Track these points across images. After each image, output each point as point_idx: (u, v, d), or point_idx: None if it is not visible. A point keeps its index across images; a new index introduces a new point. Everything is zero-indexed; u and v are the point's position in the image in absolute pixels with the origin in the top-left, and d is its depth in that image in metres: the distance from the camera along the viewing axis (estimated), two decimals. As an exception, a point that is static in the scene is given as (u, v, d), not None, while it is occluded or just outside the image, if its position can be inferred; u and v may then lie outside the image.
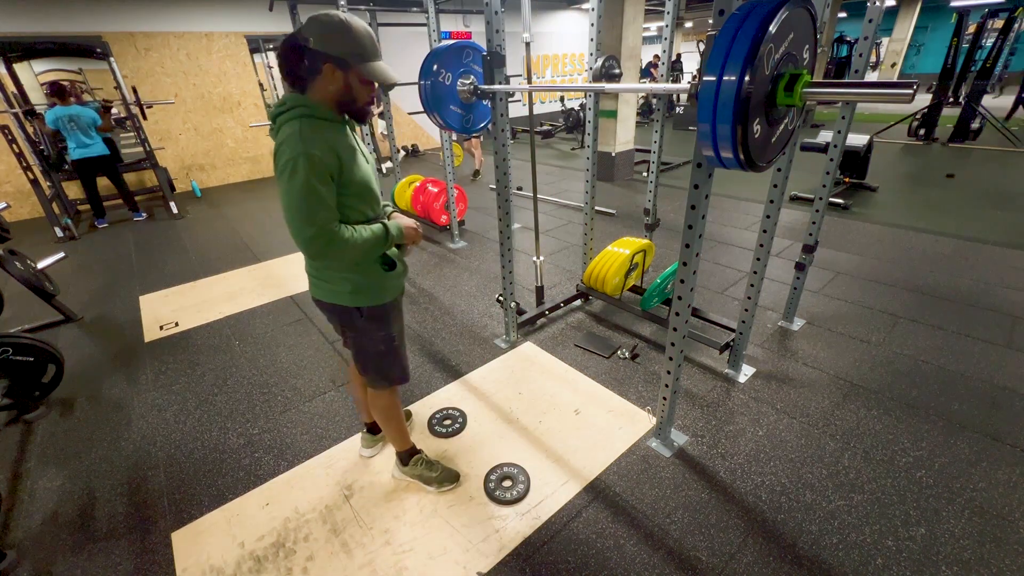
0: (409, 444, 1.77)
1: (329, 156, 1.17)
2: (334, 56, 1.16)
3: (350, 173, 1.23)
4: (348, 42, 1.17)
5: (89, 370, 2.64)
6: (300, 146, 1.13)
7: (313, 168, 1.13)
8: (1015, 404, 2.04)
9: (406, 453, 1.76)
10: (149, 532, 1.68)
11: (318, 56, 1.16)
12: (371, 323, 1.44)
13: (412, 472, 1.76)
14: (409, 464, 1.76)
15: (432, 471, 1.76)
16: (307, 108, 1.19)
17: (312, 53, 1.16)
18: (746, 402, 2.13)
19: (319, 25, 1.15)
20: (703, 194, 1.38)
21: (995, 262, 3.31)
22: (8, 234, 2.76)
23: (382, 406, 1.65)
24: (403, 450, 1.76)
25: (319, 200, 1.16)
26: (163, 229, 5.14)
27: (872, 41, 2.01)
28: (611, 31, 5.23)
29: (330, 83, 1.20)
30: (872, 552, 1.48)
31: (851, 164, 4.96)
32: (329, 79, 1.19)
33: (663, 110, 2.82)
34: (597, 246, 3.01)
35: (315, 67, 1.17)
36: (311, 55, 1.16)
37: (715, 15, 1.20)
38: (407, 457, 1.76)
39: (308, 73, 1.19)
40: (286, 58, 1.18)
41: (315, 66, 1.17)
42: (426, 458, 1.78)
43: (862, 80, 1.95)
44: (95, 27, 5.71)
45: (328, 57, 1.16)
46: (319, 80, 1.19)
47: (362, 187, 1.28)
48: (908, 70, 16.53)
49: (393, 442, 1.76)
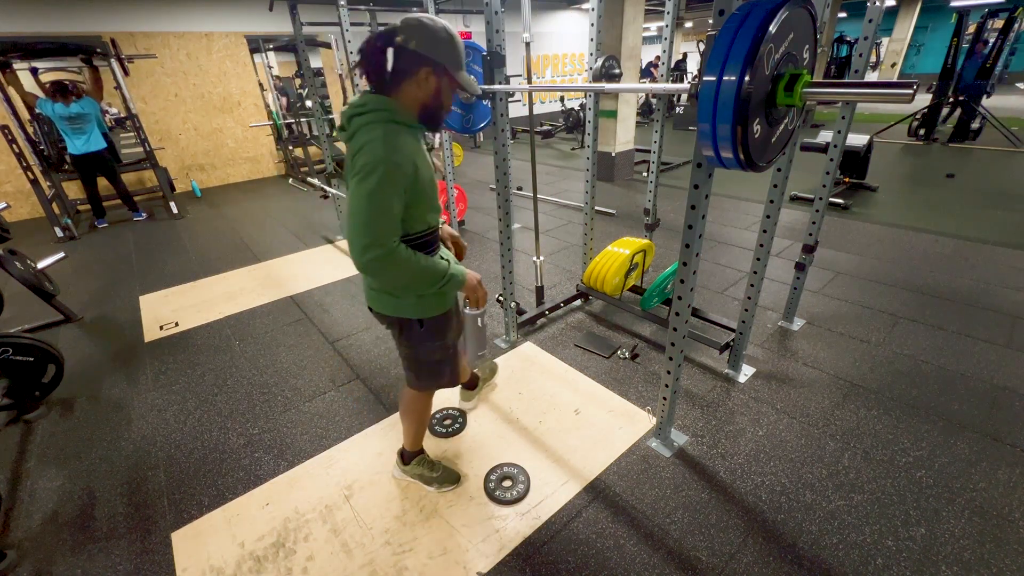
0: (420, 447, 1.77)
1: (407, 166, 1.14)
2: (434, 60, 1.14)
3: (421, 186, 1.20)
4: (450, 49, 1.16)
5: (89, 370, 2.65)
6: (383, 153, 1.09)
7: (390, 178, 1.10)
8: (1015, 404, 2.04)
9: (412, 452, 1.76)
10: (149, 532, 1.68)
11: (417, 58, 1.13)
12: (430, 334, 1.42)
13: (413, 471, 1.76)
14: (411, 463, 1.76)
15: (433, 471, 1.75)
16: (391, 113, 1.15)
17: (410, 55, 1.13)
18: (746, 402, 2.13)
19: (422, 28, 1.13)
20: (703, 194, 1.38)
21: (995, 262, 3.31)
22: (8, 234, 2.76)
23: (417, 409, 1.64)
24: (411, 449, 1.75)
25: (385, 211, 1.11)
26: (163, 229, 5.14)
27: (872, 41, 2.01)
28: (611, 31, 5.23)
29: (422, 87, 1.17)
30: (872, 552, 1.48)
31: (851, 164, 4.96)
32: (422, 83, 1.16)
33: (663, 110, 2.82)
34: (597, 246, 3.01)
35: (409, 69, 1.14)
36: (408, 56, 1.13)
37: (715, 15, 1.20)
38: (411, 456, 1.76)
39: (398, 74, 1.15)
40: (374, 56, 1.14)
41: (410, 68, 1.14)
42: (428, 458, 1.78)
43: (862, 80, 1.95)
44: (95, 27, 5.70)
45: (428, 61, 1.14)
46: (410, 83, 1.16)
47: (429, 196, 1.25)
48: (908, 70, 16.53)
49: (407, 437, 1.73)
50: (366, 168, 1.09)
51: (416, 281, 1.24)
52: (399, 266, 1.16)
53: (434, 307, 1.38)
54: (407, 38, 1.12)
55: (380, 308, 1.39)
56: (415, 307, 1.35)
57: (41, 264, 3.10)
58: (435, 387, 1.61)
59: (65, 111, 4.64)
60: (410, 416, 1.66)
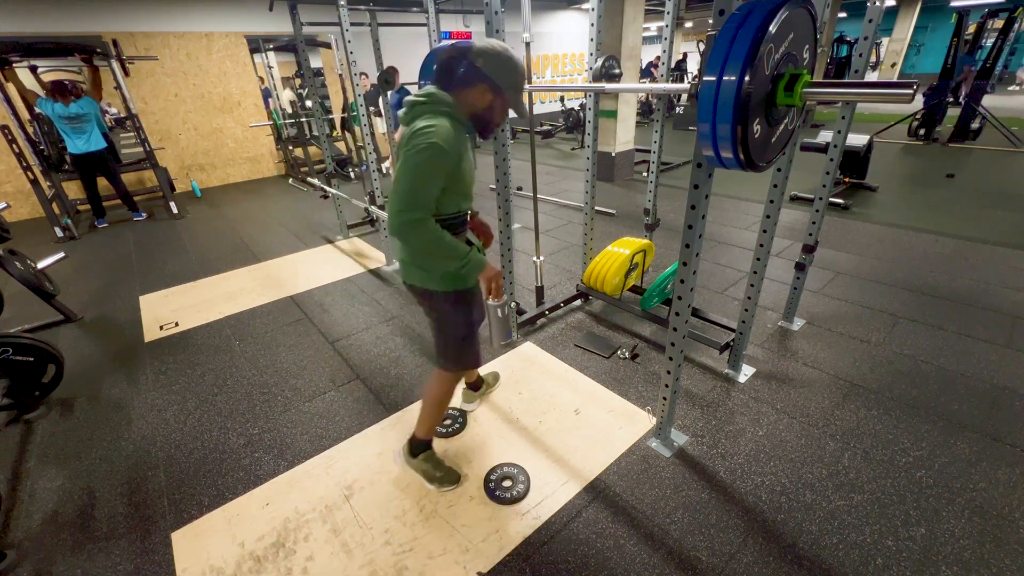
0: (431, 436, 1.81)
1: (454, 155, 1.28)
2: (492, 81, 1.32)
3: (461, 174, 1.35)
4: (510, 75, 1.34)
5: (89, 370, 2.65)
6: (439, 137, 1.24)
7: (437, 161, 1.25)
8: (1015, 404, 2.04)
9: (421, 444, 1.79)
10: (149, 532, 1.68)
11: (480, 75, 1.31)
12: (458, 307, 1.54)
13: (419, 466, 1.78)
14: (418, 457, 1.79)
15: (437, 470, 1.77)
16: (451, 108, 1.32)
17: (475, 70, 1.31)
18: (746, 402, 2.13)
19: (495, 57, 1.31)
20: (703, 194, 1.38)
21: (995, 262, 3.31)
22: (8, 234, 2.76)
23: (441, 391, 1.70)
24: (422, 439, 1.79)
25: (426, 186, 1.26)
26: (163, 229, 5.14)
27: (872, 41, 2.01)
28: (611, 31, 5.23)
29: (478, 99, 1.35)
30: (872, 552, 1.48)
31: (851, 164, 4.96)
32: (478, 96, 1.34)
33: (663, 110, 2.82)
34: (597, 246, 3.01)
35: (471, 80, 1.32)
36: (473, 70, 1.31)
37: (715, 15, 1.20)
38: (419, 449, 1.79)
39: (461, 81, 1.33)
40: (450, 59, 1.32)
41: (471, 80, 1.32)
42: (435, 456, 1.81)
43: (862, 80, 1.95)
44: (95, 27, 5.71)
45: (487, 79, 1.32)
46: (469, 92, 1.34)
47: (466, 185, 1.41)
48: (908, 70, 16.54)
49: (421, 425, 1.78)
50: (419, 146, 1.23)
51: (439, 254, 1.35)
52: (427, 235, 1.29)
53: (460, 282, 1.49)
54: (477, 56, 1.31)
55: (411, 280, 1.51)
56: (443, 280, 1.47)
57: (41, 264, 3.10)
58: (463, 366, 1.67)
59: (65, 111, 4.63)
60: (433, 399, 1.72)
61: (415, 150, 1.24)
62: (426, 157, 1.23)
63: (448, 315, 1.55)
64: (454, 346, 1.62)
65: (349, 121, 6.72)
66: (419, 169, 1.25)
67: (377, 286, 3.45)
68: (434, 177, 1.27)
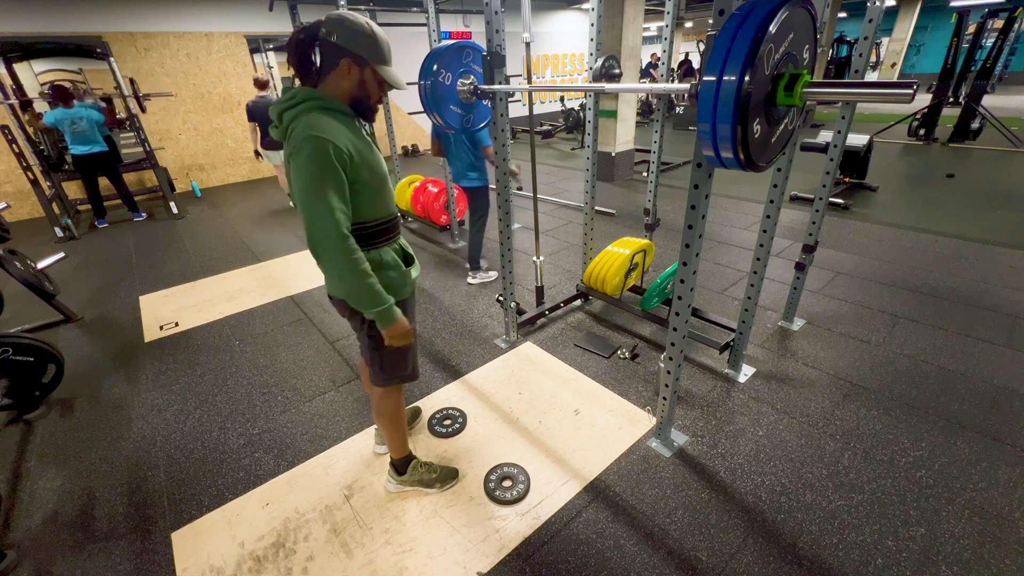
0: (407, 450, 1.73)
1: (345, 146, 1.16)
2: (354, 53, 1.19)
3: (367, 166, 1.22)
4: (369, 43, 1.20)
5: (89, 370, 2.65)
6: (313, 136, 1.12)
7: (325, 156, 1.12)
8: (1015, 404, 2.04)
9: (403, 460, 1.72)
10: (149, 532, 1.68)
11: (338, 51, 1.19)
12: None
13: (411, 479, 1.73)
14: (407, 471, 1.73)
15: (431, 472, 1.74)
16: (320, 100, 1.19)
17: (332, 47, 1.18)
18: (746, 402, 2.13)
19: (344, 23, 1.18)
20: (703, 194, 1.38)
21: (995, 262, 3.31)
22: (8, 234, 2.76)
23: (389, 408, 1.61)
24: (400, 457, 1.72)
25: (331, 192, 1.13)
26: (163, 229, 5.14)
27: (872, 41, 2.02)
28: (611, 31, 5.23)
29: (345, 78, 1.22)
30: (872, 552, 1.48)
31: (851, 164, 4.96)
32: (344, 74, 1.21)
33: (663, 110, 2.81)
34: (597, 246, 3.01)
35: (332, 61, 1.20)
36: (330, 49, 1.19)
37: (715, 15, 1.20)
38: (404, 465, 1.73)
39: (323, 66, 1.21)
40: (300, 49, 1.19)
41: (332, 60, 1.20)
42: (422, 461, 1.76)
43: (862, 80, 1.95)
44: (95, 27, 5.71)
45: (347, 52, 1.19)
46: (334, 74, 1.21)
47: (378, 182, 1.27)
48: (908, 70, 16.53)
49: (392, 448, 1.70)
50: (303, 153, 1.12)
51: (354, 290, 1.23)
52: (347, 258, 1.18)
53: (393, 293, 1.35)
54: (328, 31, 1.17)
55: (334, 291, 1.34)
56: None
57: (41, 264, 3.10)
58: (399, 379, 1.55)
59: (66, 113, 4.64)
60: (385, 418, 1.63)
61: (298, 157, 1.11)
62: (313, 163, 1.11)
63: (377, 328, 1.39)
64: (390, 359, 1.47)
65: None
66: (312, 179, 1.11)
67: (377, 286, 3.45)
68: (332, 178, 1.13)
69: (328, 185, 1.13)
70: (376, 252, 1.33)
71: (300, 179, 1.14)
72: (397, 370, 1.52)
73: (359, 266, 1.20)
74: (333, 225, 1.14)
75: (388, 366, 1.50)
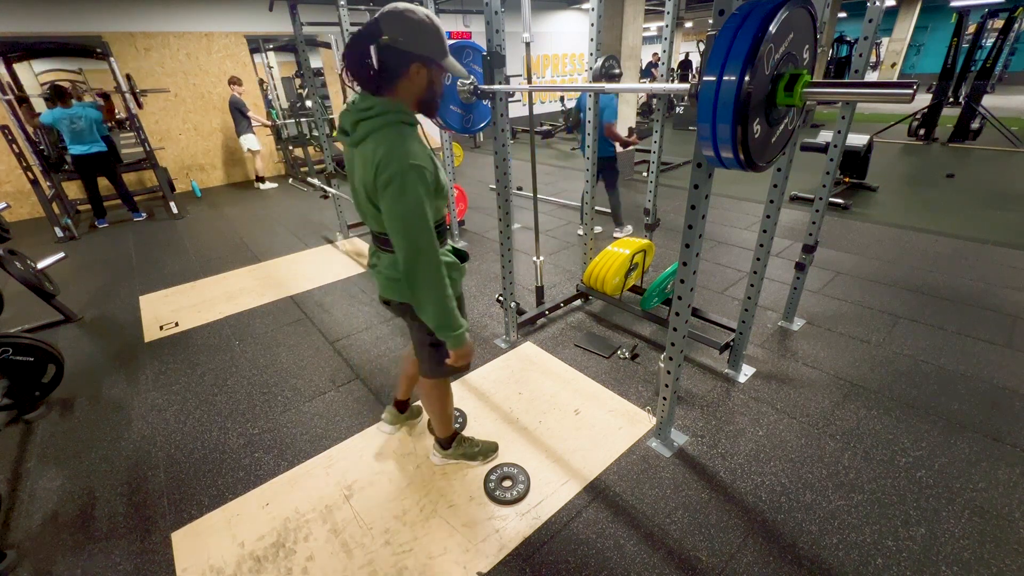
0: (452, 429, 1.83)
1: (429, 168, 1.16)
2: (422, 55, 1.14)
3: (439, 180, 1.23)
4: (434, 39, 1.15)
5: (89, 370, 2.64)
6: (407, 159, 1.10)
7: (426, 187, 1.13)
8: (1015, 404, 2.04)
9: (448, 438, 1.81)
10: (149, 532, 1.68)
11: (405, 56, 1.13)
12: None
13: (455, 453, 1.82)
14: (452, 447, 1.82)
15: (474, 447, 1.84)
16: (401, 114, 1.16)
17: (397, 53, 1.12)
18: (746, 402, 2.13)
19: (404, 22, 1.11)
20: (703, 194, 1.38)
21: (995, 262, 3.31)
22: (8, 234, 2.76)
23: (439, 395, 1.69)
24: (446, 436, 1.81)
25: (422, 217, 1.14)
26: (163, 229, 5.14)
27: (872, 41, 2.01)
28: (611, 31, 5.23)
29: (415, 83, 1.17)
30: (872, 552, 1.48)
31: (851, 164, 4.96)
32: (415, 79, 1.16)
33: (663, 110, 2.82)
34: (597, 246, 3.00)
35: (399, 67, 1.13)
36: (395, 55, 1.12)
37: (715, 15, 1.20)
38: (449, 441, 1.82)
39: (388, 73, 1.14)
40: (361, 60, 1.13)
41: (400, 66, 1.13)
42: (465, 437, 1.86)
43: (862, 80, 1.95)
44: (95, 27, 5.70)
45: (416, 56, 1.13)
46: (404, 81, 1.16)
47: (445, 191, 1.28)
48: (908, 70, 16.53)
49: (438, 428, 1.80)
50: (397, 179, 1.10)
51: (440, 315, 1.25)
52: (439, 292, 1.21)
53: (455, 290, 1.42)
54: (392, 37, 1.10)
55: (401, 297, 1.40)
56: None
57: (41, 264, 3.10)
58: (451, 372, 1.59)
59: (65, 113, 4.64)
60: (435, 405, 1.72)
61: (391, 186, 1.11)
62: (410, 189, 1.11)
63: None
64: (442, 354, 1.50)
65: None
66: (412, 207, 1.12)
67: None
68: (426, 204, 1.15)
69: (430, 213, 1.15)
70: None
71: (402, 207, 1.12)
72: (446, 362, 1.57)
73: (447, 292, 1.23)
74: (435, 253, 1.17)
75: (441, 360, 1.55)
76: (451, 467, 1.85)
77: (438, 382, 1.65)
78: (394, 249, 1.20)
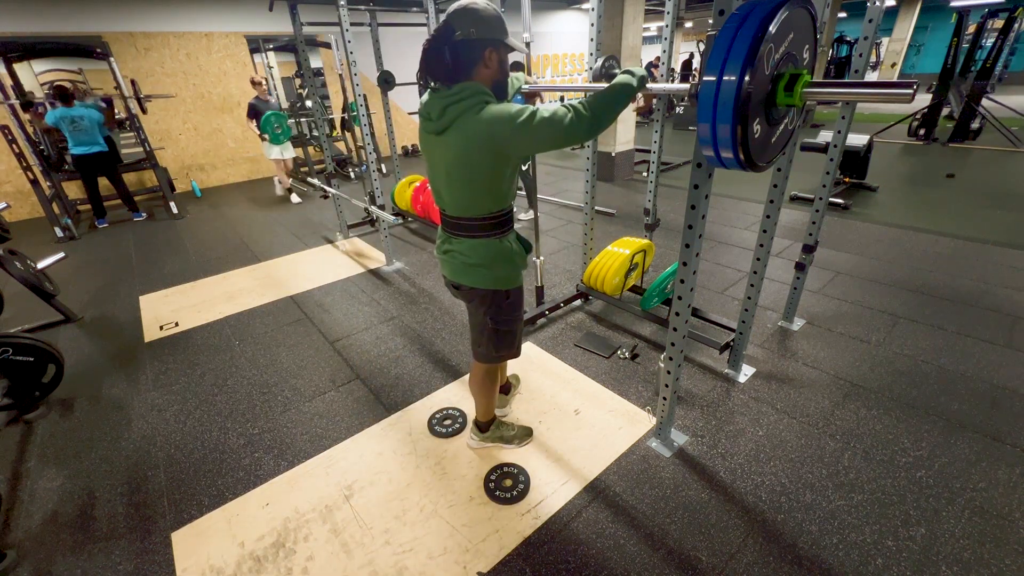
0: (493, 414, 1.91)
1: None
2: (492, 40, 1.27)
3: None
4: (499, 25, 1.29)
5: (89, 370, 2.65)
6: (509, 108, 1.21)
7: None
8: (1015, 404, 2.04)
9: (488, 422, 1.89)
10: (149, 532, 1.68)
11: (479, 44, 1.26)
12: (513, 303, 1.58)
13: (492, 436, 1.90)
14: (489, 430, 1.90)
15: (511, 430, 1.91)
16: (487, 95, 1.27)
17: (471, 43, 1.25)
18: (746, 402, 2.13)
19: (474, 15, 1.25)
20: (703, 194, 1.38)
21: (995, 262, 3.31)
22: (8, 234, 2.76)
23: (490, 380, 1.77)
24: (486, 419, 1.89)
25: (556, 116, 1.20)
26: (163, 229, 5.14)
27: (872, 41, 2.01)
28: (611, 31, 5.23)
29: (489, 66, 1.30)
30: (872, 552, 1.48)
31: (851, 164, 4.96)
32: (489, 63, 1.29)
33: (663, 110, 2.81)
34: (597, 246, 3.01)
35: (476, 56, 1.27)
36: (470, 46, 1.25)
37: (715, 15, 1.20)
38: (487, 425, 1.90)
39: (463, 63, 1.26)
40: (441, 57, 1.25)
41: (476, 55, 1.27)
42: (502, 423, 1.94)
43: (862, 80, 1.95)
44: (95, 27, 5.71)
45: (488, 42, 1.27)
46: (480, 67, 1.28)
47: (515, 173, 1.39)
48: (908, 70, 16.53)
49: (481, 412, 1.88)
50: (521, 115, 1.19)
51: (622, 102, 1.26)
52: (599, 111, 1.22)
53: (517, 279, 1.54)
54: (464, 32, 1.24)
55: (472, 282, 1.49)
56: (506, 280, 1.51)
57: (41, 264, 3.10)
58: (507, 356, 1.71)
59: (67, 113, 4.65)
60: (485, 389, 1.80)
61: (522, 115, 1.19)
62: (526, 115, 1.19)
63: (505, 311, 1.57)
64: (505, 340, 1.63)
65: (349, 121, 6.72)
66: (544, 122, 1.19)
67: (377, 286, 3.45)
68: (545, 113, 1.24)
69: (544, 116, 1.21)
70: (508, 240, 1.48)
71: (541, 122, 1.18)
72: (505, 348, 1.66)
73: (598, 101, 1.23)
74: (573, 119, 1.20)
75: (501, 345, 1.64)
76: (450, 467, 1.85)
77: (491, 368, 1.74)
78: (579, 141, 1.23)
